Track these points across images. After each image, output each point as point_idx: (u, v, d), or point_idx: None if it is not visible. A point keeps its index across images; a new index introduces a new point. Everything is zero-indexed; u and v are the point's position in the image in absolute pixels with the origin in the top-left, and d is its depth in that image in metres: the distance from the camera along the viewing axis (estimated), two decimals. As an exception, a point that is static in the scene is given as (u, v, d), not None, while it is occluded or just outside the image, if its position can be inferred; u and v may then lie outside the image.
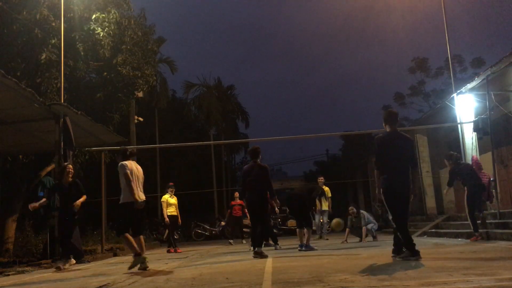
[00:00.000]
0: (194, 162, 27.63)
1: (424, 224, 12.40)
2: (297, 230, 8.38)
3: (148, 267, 5.78)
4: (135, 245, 5.83)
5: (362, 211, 10.99)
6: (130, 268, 5.78)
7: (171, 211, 10.93)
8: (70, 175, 7.42)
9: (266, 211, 7.46)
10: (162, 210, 11.26)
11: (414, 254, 5.06)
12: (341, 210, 21.15)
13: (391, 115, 5.61)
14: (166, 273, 5.30)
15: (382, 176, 5.35)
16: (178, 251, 10.66)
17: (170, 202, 10.94)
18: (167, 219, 10.93)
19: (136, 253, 5.79)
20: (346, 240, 10.21)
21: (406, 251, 5.17)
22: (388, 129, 5.54)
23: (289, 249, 8.77)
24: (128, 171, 5.98)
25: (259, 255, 6.83)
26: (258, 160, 7.40)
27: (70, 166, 7.59)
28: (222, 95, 30.82)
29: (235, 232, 15.51)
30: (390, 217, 5.42)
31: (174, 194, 11.25)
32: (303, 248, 7.93)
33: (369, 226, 10.46)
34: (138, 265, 5.76)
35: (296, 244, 8.76)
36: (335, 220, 12.38)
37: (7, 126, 8.94)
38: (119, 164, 6.16)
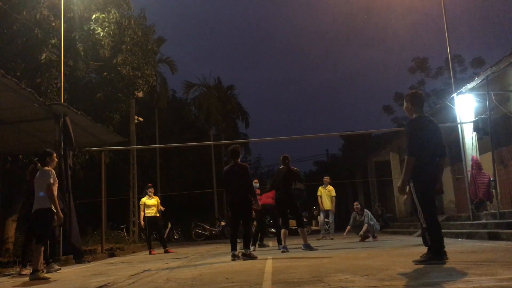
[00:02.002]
0: (194, 162, 27.63)
1: (424, 224, 12.40)
2: (282, 231, 8.27)
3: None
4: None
5: (366, 210, 11.03)
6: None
7: (150, 212, 10.85)
8: None
9: (251, 212, 7.32)
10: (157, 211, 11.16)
11: (440, 257, 4.53)
12: (341, 210, 21.17)
13: (417, 97, 5.00)
14: (166, 273, 5.30)
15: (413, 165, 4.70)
16: (153, 252, 10.62)
17: (148, 203, 10.83)
18: (142, 223, 10.89)
19: (37, 269, 5.66)
20: (345, 235, 10.28)
21: (429, 253, 4.58)
22: (415, 114, 4.92)
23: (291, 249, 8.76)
24: (52, 180, 5.91)
25: (248, 257, 6.72)
26: (238, 160, 7.28)
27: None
28: (222, 95, 30.80)
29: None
30: (421, 215, 4.69)
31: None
32: (287, 250, 7.89)
33: (371, 222, 10.47)
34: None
35: (297, 244, 8.76)
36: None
37: (7, 126, 8.95)
38: (43, 170, 6.06)
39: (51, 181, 5.92)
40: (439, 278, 3.53)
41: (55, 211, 5.94)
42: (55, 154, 6.45)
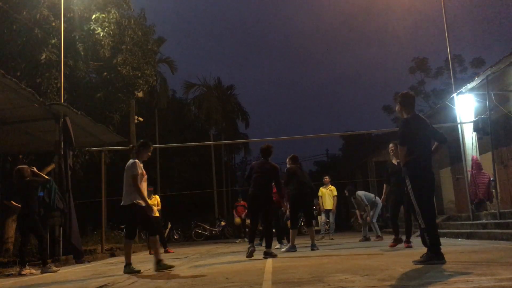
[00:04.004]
0: (194, 162, 27.65)
1: (424, 224, 12.38)
2: (293, 231, 8.24)
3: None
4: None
5: (358, 192, 10.98)
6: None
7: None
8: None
9: (271, 209, 7.33)
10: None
11: (440, 257, 4.52)
12: (340, 210, 21.18)
13: (407, 97, 5.01)
14: (166, 273, 5.30)
15: (409, 157, 4.72)
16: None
17: None
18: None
19: (160, 259, 5.63)
20: (366, 237, 10.26)
21: (429, 253, 4.57)
22: (406, 114, 4.92)
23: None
24: (139, 171, 5.68)
25: (269, 255, 6.69)
26: (269, 159, 7.26)
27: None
28: (222, 95, 30.85)
29: (236, 232, 15.67)
30: (420, 216, 4.67)
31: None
32: (293, 249, 7.94)
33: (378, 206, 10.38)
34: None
35: (306, 243, 8.77)
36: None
37: (7, 126, 8.95)
38: (132, 162, 5.83)
39: (137, 172, 5.70)
40: (439, 278, 3.52)
41: (144, 204, 5.61)
42: (151, 147, 6.22)
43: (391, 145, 8.05)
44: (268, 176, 7.04)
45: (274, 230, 10.51)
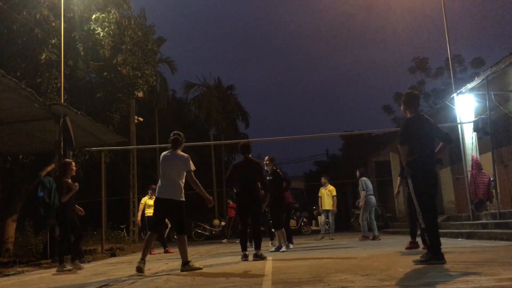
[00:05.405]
0: (194, 162, 27.59)
1: (424, 224, 12.36)
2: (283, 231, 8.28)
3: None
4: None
5: (363, 178, 11.06)
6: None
7: (151, 212, 10.89)
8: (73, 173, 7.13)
9: (260, 208, 7.20)
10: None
11: (440, 257, 4.51)
12: (341, 210, 21.18)
13: (410, 97, 5.02)
14: (166, 273, 5.30)
15: (411, 157, 4.72)
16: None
17: (148, 203, 10.95)
18: (139, 222, 11.39)
19: (187, 260, 5.41)
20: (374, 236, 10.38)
21: (429, 253, 4.57)
22: (410, 114, 4.92)
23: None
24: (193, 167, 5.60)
25: (259, 257, 6.58)
26: (250, 156, 7.01)
27: (73, 163, 7.27)
28: (222, 95, 30.81)
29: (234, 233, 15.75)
30: (420, 215, 4.69)
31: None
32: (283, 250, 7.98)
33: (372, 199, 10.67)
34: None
35: (306, 244, 8.78)
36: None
37: (7, 126, 8.94)
38: (186, 156, 5.71)
39: (192, 168, 5.69)
40: (439, 278, 3.53)
41: (207, 195, 5.65)
42: (184, 140, 6.16)
43: None
44: (254, 176, 6.86)
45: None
